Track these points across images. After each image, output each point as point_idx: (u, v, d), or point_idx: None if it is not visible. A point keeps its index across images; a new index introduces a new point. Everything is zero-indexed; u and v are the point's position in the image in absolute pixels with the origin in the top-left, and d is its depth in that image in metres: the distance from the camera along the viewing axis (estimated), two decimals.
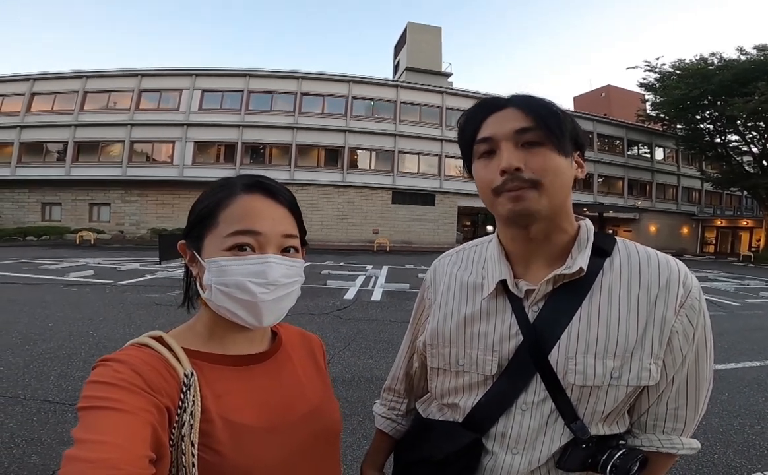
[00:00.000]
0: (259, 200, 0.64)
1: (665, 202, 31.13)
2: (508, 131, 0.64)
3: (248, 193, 0.64)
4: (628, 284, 0.65)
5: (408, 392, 0.92)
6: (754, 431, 3.12)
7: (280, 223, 0.64)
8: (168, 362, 0.57)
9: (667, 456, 0.68)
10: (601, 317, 0.64)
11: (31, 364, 3.87)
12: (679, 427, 0.67)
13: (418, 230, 25.38)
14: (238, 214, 0.62)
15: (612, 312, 0.64)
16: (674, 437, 0.68)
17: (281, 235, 0.64)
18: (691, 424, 0.68)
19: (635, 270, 0.66)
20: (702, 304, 0.65)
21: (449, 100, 26.02)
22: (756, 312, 8.21)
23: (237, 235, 0.61)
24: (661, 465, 0.69)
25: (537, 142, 0.63)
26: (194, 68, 24.20)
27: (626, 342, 0.62)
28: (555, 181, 0.63)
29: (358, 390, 3.56)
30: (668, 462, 0.70)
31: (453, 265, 0.82)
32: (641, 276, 0.65)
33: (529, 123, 0.63)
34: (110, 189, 24.01)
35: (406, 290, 8.94)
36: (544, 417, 0.65)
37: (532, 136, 0.63)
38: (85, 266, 11.30)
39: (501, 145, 0.64)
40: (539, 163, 0.62)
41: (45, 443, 2.56)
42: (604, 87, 38.93)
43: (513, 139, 0.63)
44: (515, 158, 0.62)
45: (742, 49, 23.91)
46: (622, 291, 0.65)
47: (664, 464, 0.70)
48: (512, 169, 0.62)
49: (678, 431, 0.68)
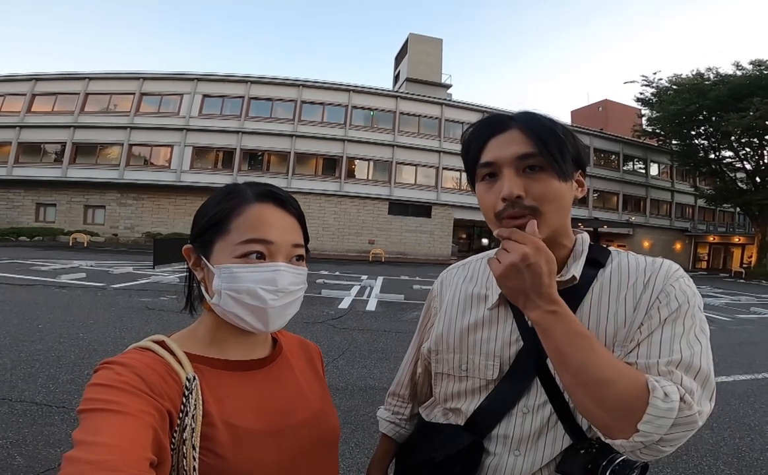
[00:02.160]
0: (271, 210, 0.65)
1: (659, 217, 31.41)
2: (510, 157, 0.65)
3: (261, 202, 0.65)
4: (618, 287, 0.68)
5: (412, 397, 0.94)
6: (744, 443, 3.16)
7: (290, 233, 0.66)
8: (170, 365, 0.58)
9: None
10: (591, 320, 0.67)
11: (20, 365, 3.82)
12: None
13: (413, 242, 25.39)
14: (251, 223, 0.63)
15: (601, 314, 0.67)
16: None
17: (291, 245, 0.66)
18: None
19: (624, 275, 0.69)
20: (681, 285, 0.64)
21: (448, 112, 26.23)
22: (747, 327, 8.32)
23: (250, 244, 0.62)
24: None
25: (539, 167, 0.64)
26: (196, 73, 24.31)
27: (615, 338, 0.65)
28: (555, 207, 0.65)
29: (352, 399, 3.54)
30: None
31: (459, 276, 0.86)
32: (629, 279, 0.68)
33: (531, 148, 0.64)
34: (106, 191, 23.90)
35: (401, 300, 8.93)
36: (544, 419, 0.68)
37: (534, 161, 0.64)
38: (77, 268, 11.20)
39: (503, 171, 0.65)
40: (540, 191, 0.64)
41: (30, 445, 2.52)
42: (602, 101, 39.46)
43: (515, 165, 0.65)
44: (516, 186, 0.63)
45: (738, 64, 24.38)
46: (611, 294, 0.68)
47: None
48: (513, 198, 0.63)
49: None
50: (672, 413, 0.53)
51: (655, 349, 0.60)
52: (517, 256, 0.59)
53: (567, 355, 0.57)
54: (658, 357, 0.59)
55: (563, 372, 0.58)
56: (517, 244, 0.60)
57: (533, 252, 0.59)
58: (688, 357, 0.58)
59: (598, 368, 0.55)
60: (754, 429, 3.41)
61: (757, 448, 3.09)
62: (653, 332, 0.61)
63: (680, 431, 0.54)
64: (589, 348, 0.56)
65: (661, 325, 0.62)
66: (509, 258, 0.59)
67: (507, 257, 0.60)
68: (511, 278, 0.60)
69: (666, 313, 0.62)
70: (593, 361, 0.55)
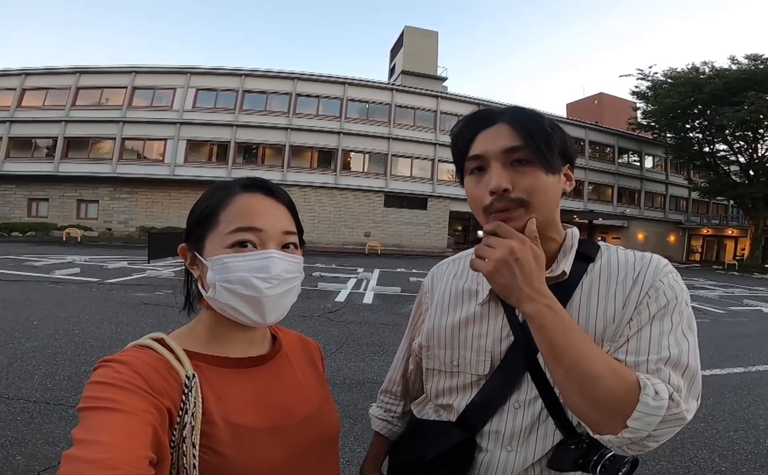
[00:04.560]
0: (259, 198, 0.65)
1: (653, 210, 31.62)
2: (497, 150, 0.65)
3: (247, 191, 0.65)
4: (607, 282, 0.68)
5: (404, 394, 0.94)
6: (738, 435, 3.20)
7: (280, 220, 0.66)
8: (169, 363, 0.57)
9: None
10: (581, 316, 0.67)
11: (15, 362, 3.79)
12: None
13: (409, 234, 25.41)
14: (239, 212, 0.63)
15: (591, 309, 0.67)
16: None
17: (281, 232, 0.66)
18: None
19: (614, 269, 0.69)
20: (670, 281, 0.65)
21: (444, 105, 26.15)
22: (740, 319, 8.38)
23: (238, 232, 0.62)
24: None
25: (526, 160, 0.64)
26: (189, 66, 23.99)
27: (603, 334, 0.64)
28: (542, 200, 0.65)
29: (350, 393, 3.55)
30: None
31: (450, 272, 0.86)
32: (619, 274, 0.68)
33: (518, 142, 0.64)
34: (99, 186, 23.67)
35: (398, 293, 8.96)
36: (535, 414, 0.68)
37: (521, 155, 0.64)
38: (71, 263, 11.11)
39: (491, 165, 0.65)
40: (527, 184, 0.64)
41: (29, 444, 2.51)
42: (597, 94, 39.49)
43: (502, 158, 0.65)
44: (503, 179, 0.63)
45: (734, 58, 24.40)
46: (601, 289, 0.68)
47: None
48: (500, 191, 0.63)
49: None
50: (661, 411, 0.53)
51: (644, 345, 0.60)
52: (505, 250, 0.58)
53: (561, 350, 0.56)
54: (647, 354, 0.59)
55: (556, 367, 0.57)
56: (502, 239, 0.60)
57: (520, 246, 0.58)
58: (676, 355, 0.58)
59: (591, 364, 0.55)
60: (748, 422, 3.45)
61: (751, 441, 3.14)
62: (642, 327, 0.62)
63: (667, 427, 0.55)
64: (582, 344, 0.56)
65: (650, 321, 0.62)
66: (497, 254, 0.59)
67: (494, 253, 0.59)
68: (501, 274, 0.59)
69: (655, 308, 0.62)
70: (586, 356, 0.55)
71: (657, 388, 0.54)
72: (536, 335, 0.59)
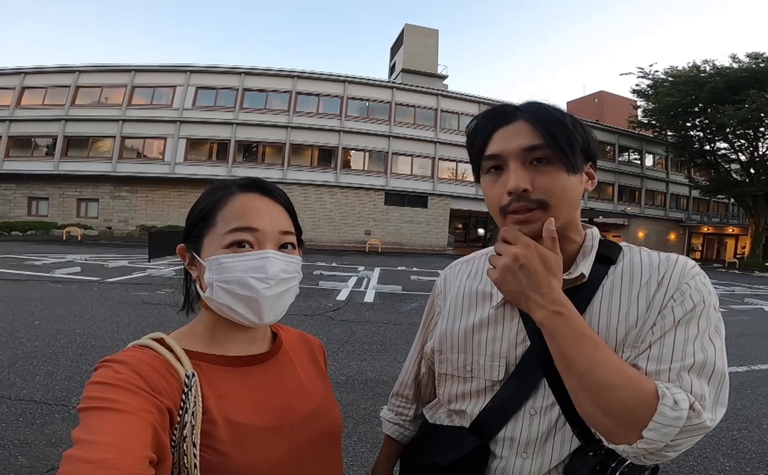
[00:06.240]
0: (256, 198, 0.65)
1: (654, 208, 31.60)
2: (516, 149, 0.62)
3: (245, 192, 0.65)
4: (630, 285, 0.65)
5: (416, 398, 0.92)
6: (742, 435, 3.20)
7: (277, 220, 0.66)
8: (169, 363, 0.57)
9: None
10: (601, 320, 0.64)
11: (17, 363, 3.79)
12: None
13: (410, 232, 25.40)
14: (236, 212, 0.63)
15: (612, 314, 0.64)
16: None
17: (279, 232, 0.65)
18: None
19: (636, 272, 0.66)
20: (697, 283, 0.61)
21: (444, 103, 26.10)
22: (741, 318, 8.38)
23: (236, 232, 0.62)
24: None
25: (546, 159, 0.62)
26: (189, 65, 23.95)
27: (625, 340, 0.62)
28: (563, 201, 0.62)
29: (352, 393, 3.54)
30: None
31: (463, 273, 0.83)
32: (642, 276, 0.65)
33: (539, 140, 0.61)
34: (99, 185, 23.65)
35: (399, 291, 8.94)
36: (552, 421, 0.65)
37: (542, 154, 0.62)
38: (71, 262, 11.10)
39: (509, 164, 0.63)
40: (547, 184, 0.61)
41: (32, 445, 2.51)
42: (597, 92, 39.47)
43: (521, 157, 0.62)
44: (522, 180, 0.61)
45: (735, 56, 24.36)
46: (623, 293, 0.65)
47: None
48: (519, 191, 0.61)
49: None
50: (680, 422, 0.51)
51: (667, 351, 0.57)
52: (509, 258, 0.57)
53: (572, 358, 0.55)
54: (670, 361, 0.56)
55: (568, 376, 0.56)
56: (508, 245, 0.59)
57: (524, 252, 0.57)
58: (701, 361, 0.55)
59: (604, 373, 0.53)
60: (751, 421, 3.45)
61: (755, 440, 3.14)
62: (666, 333, 0.58)
63: (687, 437, 0.52)
64: (596, 352, 0.54)
65: (674, 326, 0.58)
66: (502, 261, 0.58)
67: (500, 260, 0.58)
68: (508, 282, 0.58)
69: (680, 313, 0.59)
70: (599, 365, 0.53)
71: (677, 397, 0.52)
72: (548, 342, 0.58)
